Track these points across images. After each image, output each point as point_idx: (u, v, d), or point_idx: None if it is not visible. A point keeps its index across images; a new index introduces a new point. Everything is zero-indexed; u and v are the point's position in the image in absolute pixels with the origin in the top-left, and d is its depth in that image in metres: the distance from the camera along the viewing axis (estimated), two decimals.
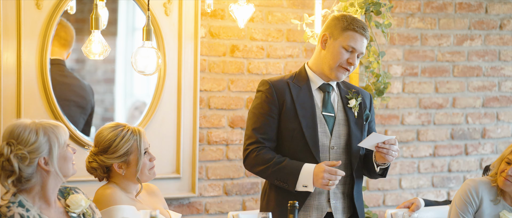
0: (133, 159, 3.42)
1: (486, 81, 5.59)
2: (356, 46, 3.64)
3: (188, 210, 4.79)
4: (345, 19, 3.68)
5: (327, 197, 3.68)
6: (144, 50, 3.77)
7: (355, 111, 3.74)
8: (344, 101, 3.75)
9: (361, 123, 3.74)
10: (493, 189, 3.82)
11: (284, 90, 3.69)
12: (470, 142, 5.57)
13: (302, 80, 3.73)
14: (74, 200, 3.07)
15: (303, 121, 3.66)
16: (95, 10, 3.77)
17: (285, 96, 3.68)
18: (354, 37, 3.65)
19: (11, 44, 4.20)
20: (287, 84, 3.71)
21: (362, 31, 3.66)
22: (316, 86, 3.73)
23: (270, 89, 3.70)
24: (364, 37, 3.67)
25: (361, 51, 3.67)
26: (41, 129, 2.92)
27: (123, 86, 4.74)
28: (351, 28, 3.65)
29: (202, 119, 4.78)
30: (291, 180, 3.60)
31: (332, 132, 3.69)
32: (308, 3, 4.97)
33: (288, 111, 3.67)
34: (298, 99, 3.68)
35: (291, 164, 3.61)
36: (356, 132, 3.71)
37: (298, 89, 3.70)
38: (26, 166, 2.89)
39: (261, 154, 3.66)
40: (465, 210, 3.80)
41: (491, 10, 5.55)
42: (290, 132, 3.68)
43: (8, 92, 4.21)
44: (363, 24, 3.68)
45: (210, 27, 4.77)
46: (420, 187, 5.45)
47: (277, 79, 3.74)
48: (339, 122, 3.71)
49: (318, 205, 3.68)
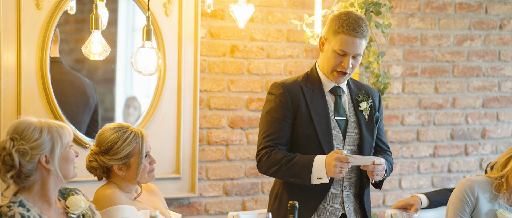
0: (134, 162, 3.41)
1: (486, 82, 5.59)
2: (347, 50, 3.55)
3: (188, 210, 4.79)
4: (338, 21, 3.57)
5: (341, 201, 3.68)
6: (144, 50, 3.77)
7: (366, 114, 3.70)
8: (355, 103, 3.71)
9: (371, 126, 3.71)
10: (489, 187, 3.81)
11: (298, 95, 3.65)
12: (470, 142, 5.57)
13: (314, 83, 3.68)
14: (73, 201, 3.08)
15: (318, 127, 3.62)
16: (95, 10, 3.77)
17: (300, 101, 3.64)
18: (344, 40, 3.55)
19: (11, 44, 4.20)
20: (300, 88, 3.66)
21: (354, 33, 3.54)
22: (327, 89, 3.69)
23: (284, 93, 3.64)
24: (357, 38, 3.54)
25: (355, 53, 3.57)
26: (45, 127, 2.95)
27: (123, 86, 4.74)
28: (341, 31, 3.55)
29: (202, 119, 4.79)
30: (305, 174, 3.56)
31: (345, 136, 3.68)
32: (308, 3, 4.97)
33: (303, 116, 3.63)
34: (312, 104, 3.64)
35: (303, 159, 3.57)
36: (367, 135, 3.69)
37: (312, 93, 3.66)
38: (27, 161, 2.91)
39: (272, 154, 3.62)
40: (462, 209, 3.79)
41: (491, 10, 5.55)
42: (305, 137, 3.65)
43: (8, 92, 4.21)
44: (356, 25, 3.55)
45: (210, 28, 4.77)
46: (420, 187, 5.45)
47: (290, 83, 3.68)
48: (351, 125, 3.69)
49: (332, 209, 3.68)
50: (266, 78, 4.94)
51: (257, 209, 4.94)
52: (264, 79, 4.93)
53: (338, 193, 3.67)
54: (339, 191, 3.68)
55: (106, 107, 4.70)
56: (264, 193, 5.00)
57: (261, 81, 4.93)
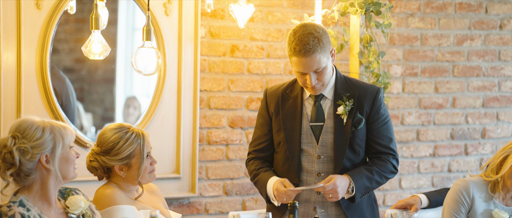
0: (135, 162, 3.41)
1: (486, 81, 5.59)
2: (302, 70, 3.51)
3: (188, 210, 4.79)
4: (288, 44, 3.52)
5: (313, 206, 3.67)
6: (144, 50, 3.77)
7: (344, 118, 3.61)
8: (336, 107, 3.64)
9: (347, 130, 3.60)
10: (484, 187, 3.80)
11: (275, 102, 3.70)
12: (470, 142, 5.57)
13: (295, 90, 3.70)
14: (73, 201, 3.08)
15: (285, 133, 3.66)
16: (95, 10, 3.76)
17: (275, 107, 3.69)
18: (296, 62, 3.50)
19: (11, 44, 4.20)
20: (279, 95, 3.69)
21: (300, 54, 3.46)
22: (307, 95, 3.68)
23: (264, 100, 3.75)
24: (306, 58, 3.46)
25: (311, 70, 3.50)
26: (48, 127, 2.95)
27: (123, 86, 4.74)
28: (291, 53, 3.51)
29: (202, 119, 4.78)
30: (263, 192, 3.67)
31: (319, 141, 3.64)
32: (308, 3, 4.97)
33: (276, 123, 3.69)
34: (284, 111, 3.67)
35: (262, 178, 3.66)
36: (339, 140, 3.61)
37: (288, 100, 3.67)
38: (27, 160, 2.91)
39: (249, 165, 3.77)
40: (458, 210, 3.78)
41: (491, 10, 5.55)
42: (277, 143, 3.71)
43: (8, 92, 4.21)
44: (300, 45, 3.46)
45: (210, 27, 4.77)
46: (420, 187, 5.44)
47: (274, 89, 3.74)
48: (326, 130, 3.64)
49: (305, 212, 3.68)
50: (266, 78, 4.94)
51: (257, 209, 4.93)
52: (264, 79, 4.93)
53: (311, 197, 3.67)
54: (311, 195, 3.67)
55: (106, 107, 4.70)
56: None
57: (261, 81, 4.93)
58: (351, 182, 3.57)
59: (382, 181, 3.68)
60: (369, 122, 3.67)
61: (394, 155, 3.71)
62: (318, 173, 3.65)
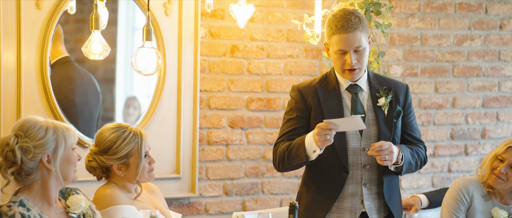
0: (133, 162, 3.42)
1: (486, 82, 5.59)
2: (344, 48, 3.61)
3: (188, 210, 4.79)
4: (328, 25, 3.65)
5: (361, 199, 3.70)
6: (144, 50, 3.77)
7: (385, 109, 3.71)
8: (374, 100, 3.74)
9: (390, 121, 3.71)
10: (482, 186, 3.83)
11: (311, 95, 3.72)
12: (470, 142, 5.57)
13: (330, 83, 3.75)
14: (74, 201, 3.08)
15: None
16: (95, 10, 3.76)
17: (313, 100, 3.71)
18: (338, 40, 3.61)
19: (11, 44, 4.20)
20: (315, 88, 3.73)
21: (342, 30, 3.59)
22: (344, 88, 3.73)
23: (298, 95, 3.74)
24: (348, 33, 3.59)
25: (353, 47, 3.61)
26: (51, 127, 2.96)
27: (123, 86, 4.74)
28: (333, 33, 3.62)
29: (202, 119, 4.78)
30: (301, 151, 3.60)
31: (362, 133, 3.70)
32: (308, 3, 4.97)
33: (316, 115, 3.70)
34: (325, 103, 3.70)
35: (298, 139, 3.63)
36: (385, 131, 3.70)
37: (326, 92, 3.72)
38: (29, 159, 2.91)
39: (278, 147, 3.71)
40: (457, 208, 3.80)
41: (491, 10, 5.55)
42: None
43: (8, 92, 4.21)
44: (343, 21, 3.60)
45: (210, 27, 4.77)
46: (420, 187, 5.45)
47: (306, 85, 3.77)
48: (369, 122, 3.71)
49: (352, 207, 3.70)
50: (266, 78, 4.94)
51: (257, 209, 4.94)
52: (264, 79, 4.94)
53: (358, 190, 3.69)
54: (358, 188, 3.69)
55: (106, 107, 4.70)
56: (264, 193, 5.00)
57: (261, 81, 4.93)
58: (400, 151, 3.66)
59: (419, 163, 3.78)
60: (403, 115, 3.79)
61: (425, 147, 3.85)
62: (364, 165, 3.70)
